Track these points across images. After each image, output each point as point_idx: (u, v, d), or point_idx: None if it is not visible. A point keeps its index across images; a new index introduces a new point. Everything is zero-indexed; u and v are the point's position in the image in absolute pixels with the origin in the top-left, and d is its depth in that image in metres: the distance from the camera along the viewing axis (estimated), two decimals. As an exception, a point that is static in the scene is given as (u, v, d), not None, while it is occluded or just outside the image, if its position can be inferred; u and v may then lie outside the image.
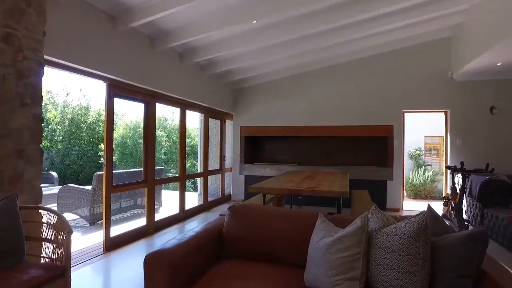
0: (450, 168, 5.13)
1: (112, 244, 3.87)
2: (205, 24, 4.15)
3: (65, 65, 3.18)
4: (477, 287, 1.43)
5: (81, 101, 10.97)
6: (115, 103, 4.00)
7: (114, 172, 4.10)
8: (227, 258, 2.23)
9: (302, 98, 6.95)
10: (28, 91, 2.50)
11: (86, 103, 11.02)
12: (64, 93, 10.75)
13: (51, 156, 10.23)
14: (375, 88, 6.49)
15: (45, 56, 2.71)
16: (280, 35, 4.81)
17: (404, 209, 6.39)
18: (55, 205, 5.20)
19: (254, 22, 4.24)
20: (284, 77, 7.04)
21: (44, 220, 2.19)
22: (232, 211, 2.36)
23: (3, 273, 1.80)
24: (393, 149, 6.33)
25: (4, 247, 1.91)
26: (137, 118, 11.31)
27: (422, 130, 9.82)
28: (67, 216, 2.25)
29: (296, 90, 7.01)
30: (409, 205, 6.91)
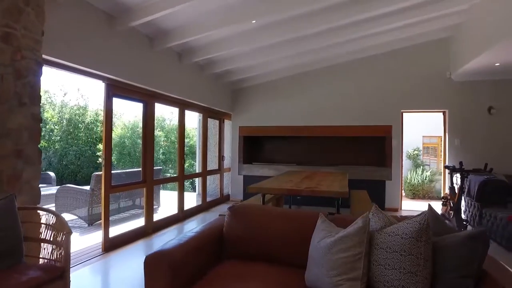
0: (449, 168, 5.15)
1: (111, 245, 3.85)
2: (205, 24, 4.14)
3: (64, 65, 3.16)
4: (478, 287, 1.43)
5: (79, 101, 10.93)
6: (114, 103, 3.99)
7: (113, 172, 4.08)
8: (227, 259, 2.22)
9: (301, 98, 6.95)
10: (27, 91, 2.49)
11: (84, 103, 10.98)
12: (62, 93, 10.70)
13: (49, 156, 10.17)
14: (374, 88, 6.50)
15: (44, 56, 2.69)
16: (280, 35, 4.81)
17: (403, 209, 6.40)
18: (53, 206, 5.17)
19: (253, 22, 4.24)
20: (283, 77, 7.04)
21: (43, 221, 2.17)
22: (232, 211, 2.35)
23: (2, 274, 1.79)
24: (392, 149, 6.34)
25: (3, 248, 1.90)
26: (135, 118, 11.28)
27: (420, 130, 9.86)
28: (65, 217, 2.22)
29: (295, 90, 7.00)
30: (408, 205, 6.93)
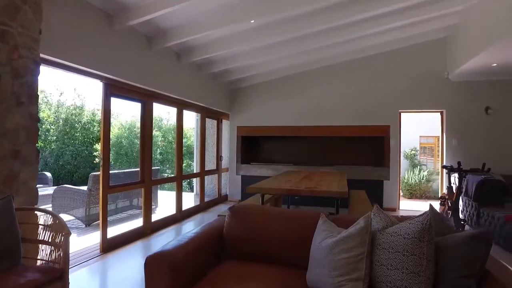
0: (447, 168, 5.17)
1: (109, 245, 3.82)
2: (204, 23, 4.12)
3: (62, 64, 3.12)
4: (481, 287, 1.43)
5: (75, 101, 10.86)
6: (111, 103, 3.96)
7: (111, 173, 4.05)
8: (228, 259, 2.21)
9: (299, 98, 6.94)
10: (24, 90, 2.45)
11: (81, 103, 10.91)
12: (58, 93, 10.63)
13: (45, 157, 10.09)
14: (372, 88, 6.51)
15: (41, 55, 2.66)
16: (278, 35, 4.80)
17: (401, 209, 6.42)
18: (50, 206, 5.12)
19: (252, 22, 4.23)
20: (281, 77, 7.03)
21: (41, 222, 2.15)
22: (233, 212, 2.34)
23: (-1, 276, 1.76)
24: (390, 149, 6.36)
25: (0, 250, 1.87)
26: (132, 118, 11.22)
27: (418, 130, 9.91)
28: (62, 217, 2.19)
29: (293, 90, 7.00)
30: (405, 205, 6.95)
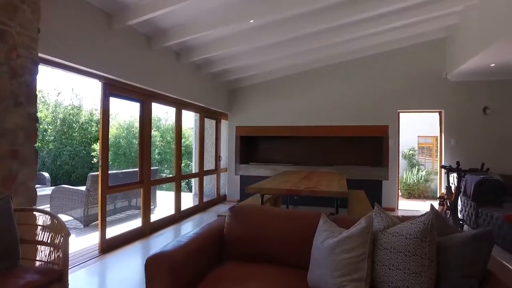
0: (446, 168, 5.18)
1: (108, 246, 3.80)
2: (203, 23, 4.11)
3: (60, 64, 3.10)
4: (483, 287, 1.43)
5: (73, 101, 10.80)
6: (110, 103, 3.93)
7: (109, 173, 4.03)
8: (228, 260, 2.20)
9: (298, 98, 6.94)
10: (22, 90, 2.43)
11: (78, 103, 10.86)
12: (56, 93, 10.57)
13: (42, 157, 10.04)
14: (371, 88, 6.52)
15: (40, 54, 2.64)
16: (278, 35, 4.79)
17: (399, 209, 6.43)
18: (48, 207, 5.09)
19: (252, 21, 4.22)
20: (280, 77, 7.03)
21: (40, 223, 2.13)
22: (233, 212, 2.33)
23: (-2, 278, 1.74)
24: (388, 149, 6.37)
25: (-1, 251, 1.85)
26: (131, 118, 11.18)
27: (416, 130, 9.94)
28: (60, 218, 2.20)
29: (292, 90, 7.00)
30: (404, 205, 6.97)
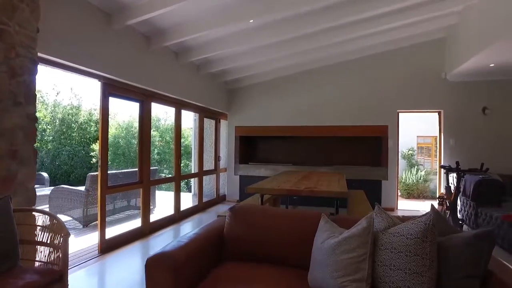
0: (445, 168, 5.18)
1: (107, 246, 3.78)
2: (202, 23, 4.10)
3: (59, 63, 3.09)
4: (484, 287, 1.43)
5: (72, 101, 10.76)
6: (110, 103, 3.92)
7: (109, 173, 4.01)
8: (229, 260, 2.19)
9: (297, 98, 6.94)
10: (21, 90, 2.42)
11: (77, 103, 10.82)
12: (54, 92, 10.53)
13: (41, 157, 10.00)
14: (370, 88, 6.52)
15: (39, 54, 2.62)
16: (277, 35, 4.79)
17: (399, 209, 6.44)
18: (47, 207, 5.07)
19: (251, 21, 4.21)
20: (279, 77, 7.03)
21: (39, 223, 2.12)
22: (233, 212, 2.32)
23: (-3, 279, 1.73)
24: (388, 149, 6.37)
25: (-2, 251, 1.84)
26: (130, 118, 11.15)
27: (415, 130, 9.95)
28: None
29: (291, 90, 6.99)
30: (403, 205, 6.98)
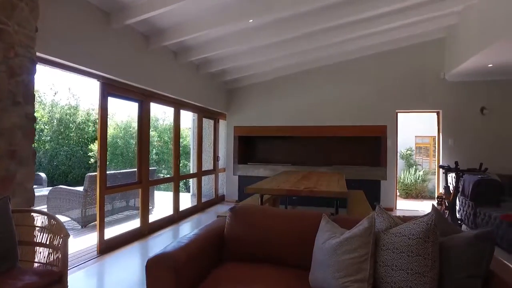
0: (444, 168, 5.20)
1: (106, 247, 3.77)
2: (201, 22, 4.09)
3: (58, 63, 3.07)
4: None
5: (70, 101, 10.73)
6: (108, 103, 3.90)
7: (108, 173, 4.00)
8: (229, 261, 2.18)
9: (296, 98, 6.94)
10: (20, 89, 2.41)
11: (75, 103, 10.79)
12: (52, 92, 10.50)
13: (39, 157, 9.96)
14: (369, 88, 6.53)
15: (38, 53, 2.60)
16: (276, 35, 4.79)
17: (397, 209, 6.45)
18: (45, 207, 5.05)
19: (251, 21, 4.21)
20: (278, 77, 7.02)
21: (38, 224, 2.10)
22: (234, 213, 2.32)
23: (-4, 280, 1.72)
24: (387, 149, 6.38)
25: (-3, 253, 1.83)
26: (128, 118, 11.12)
27: (413, 130, 9.98)
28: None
29: (290, 90, 6.99)
30: (402, 205, 6.99)
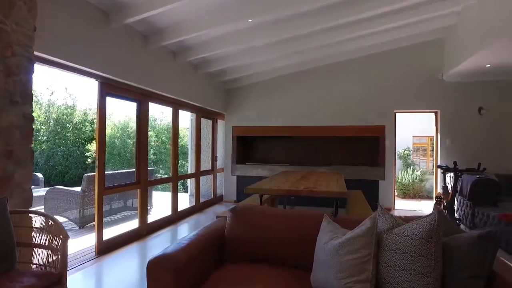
0: (442, 168, 5.21)
1: (105, 248, 3.74)
2: (201, 22, 4.08)
3: (57, 62, 3.04)
4: (489, 288, 1.43)
5: (67, 100, 10.66)
6: (107, 102, 3.87)
7: (106, 173, 3.97)
8: (230, 261, 2.17)
9: (295, 98, 6.94)
10: (18, 89, 2.38)
11: (72, 103, 10.71)
12: (49, 92, 10.42)
13: (35, 157, 9.89)
14: (368, 88, 6.54)
15: (36, 53, 2.58)
16: (275, 35, 4.78)
17: (396, 209, 6.46)
18: (42, 208, 5.01)
19: (250, 21, 4.19)
20: (277, 77, 7.01)
21: (37, 225, 2.08)
22: (234, 213, 2.30)
23: (-6, 282, 1.70)
24: (385, 149, 6.39)
25: (-5, 254, 1.80)
26: (126, 118, 11.08)
27: (411, 131, 10.01)
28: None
29: (289, 90, 6.99)
30: (400, 205, 7.00)
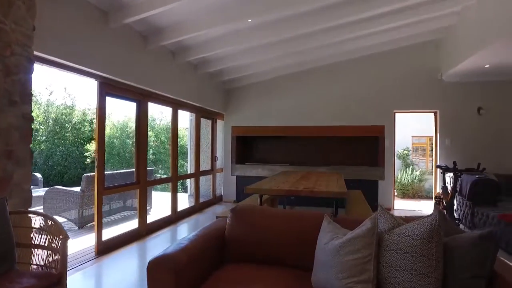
0: (442, 168, 5.22)
1: (104, 248, 3.73)
2: (199, 22, 4.07)
3: (56, 62, 3.03)
4: (490, 288, 1.43)
5: (66, 100, 10.62)
6: (106, 102, 3.86)
7: (105, 173, 3.96)
8: (230, 262, 2.17)
9: (294, 98, 6.93)
10: (17, 89, 2.37)
11: (71, 102, 10.68)
12: (48, 92, 10.38)
13: (34, 157, 9.83)
14: (367, 89, 6.54)
15: (35, 52, 2.56)
16: (274, 35, 4.77)
17: (395, 209, 6.47)
18: (41, 208, 5.00)
19: (250, 21, 4.19)
20: (276, 77, 7.01)
21: (36, 225, 2.07)
22: (234, 213, 2.30)
23: (-7, 283, 1.69)
24: (384, 149, 6.40)
25: (-6, 255, 1.79)
26: (125, 118, 11.05)
27: (410, 131, 10.02)
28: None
29: (288, 90, 6.99)
30: (399, 205, 7.01)
